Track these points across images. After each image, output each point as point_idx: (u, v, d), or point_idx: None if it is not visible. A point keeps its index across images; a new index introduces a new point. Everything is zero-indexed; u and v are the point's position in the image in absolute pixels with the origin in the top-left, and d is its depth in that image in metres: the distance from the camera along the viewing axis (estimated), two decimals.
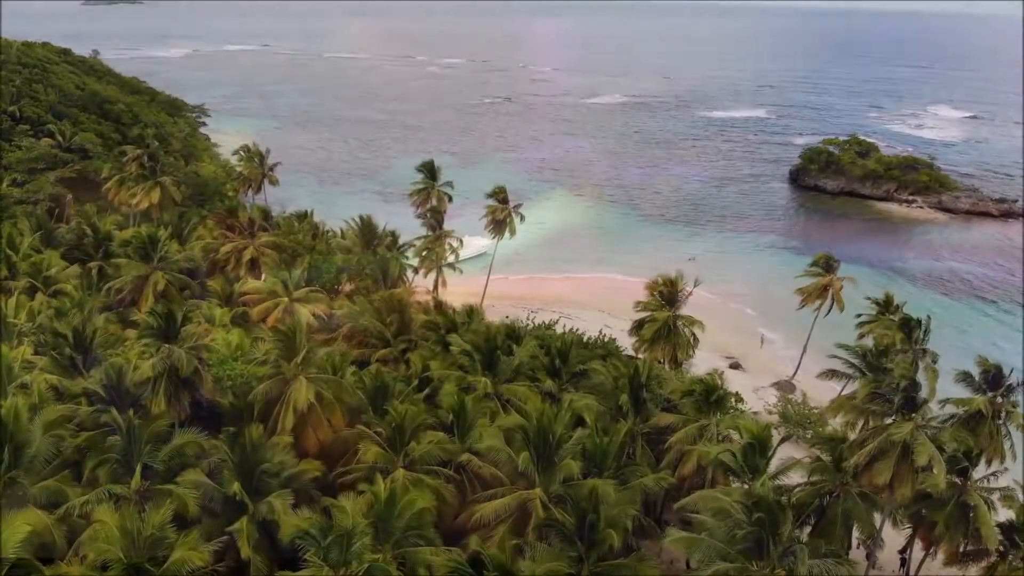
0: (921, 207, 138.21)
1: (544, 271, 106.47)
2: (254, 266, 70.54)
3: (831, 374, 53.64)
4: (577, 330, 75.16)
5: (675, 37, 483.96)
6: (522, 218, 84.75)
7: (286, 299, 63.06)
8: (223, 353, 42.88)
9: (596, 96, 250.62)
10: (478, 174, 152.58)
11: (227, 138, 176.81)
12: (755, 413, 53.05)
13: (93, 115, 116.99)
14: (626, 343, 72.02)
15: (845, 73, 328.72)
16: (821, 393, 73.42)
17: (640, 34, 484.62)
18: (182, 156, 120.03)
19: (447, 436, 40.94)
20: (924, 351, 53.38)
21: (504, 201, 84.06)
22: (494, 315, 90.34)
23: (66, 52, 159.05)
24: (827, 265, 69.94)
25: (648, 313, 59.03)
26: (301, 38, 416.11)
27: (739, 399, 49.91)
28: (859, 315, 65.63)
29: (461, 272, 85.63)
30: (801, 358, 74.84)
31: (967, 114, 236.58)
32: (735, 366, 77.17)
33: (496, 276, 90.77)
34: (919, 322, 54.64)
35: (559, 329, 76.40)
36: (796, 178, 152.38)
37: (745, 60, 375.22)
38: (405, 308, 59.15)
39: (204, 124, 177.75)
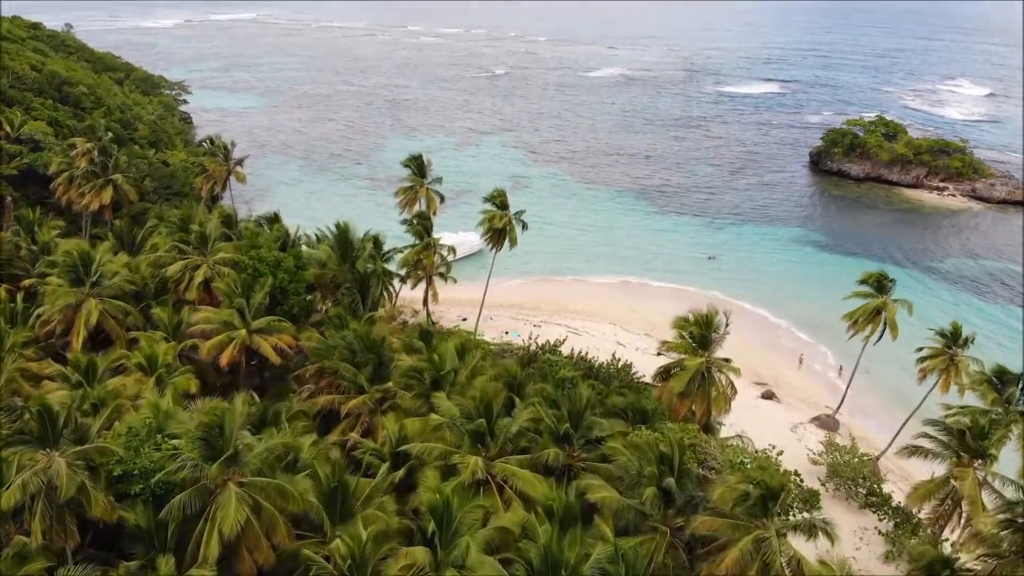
0: (953, 195, 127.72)
1: (548, 273, 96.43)
2: (209, 287, 60.40)
3: (915, 451, 43.39)
4: (586, 352, 65.68)
5: (673, 6, 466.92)
6: (524, 226, 73.72)
7: (243, 331, 53.27)
8: (130, 448, 32.76)
9: (595, 69, 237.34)
10: (474, 159, 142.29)
11: (208, 117, 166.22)
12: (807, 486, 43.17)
13: (49, 99, 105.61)
14: (640, 362, 63.11)
15: (853, 44, 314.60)
16: (867, 431, 64.25)
17: (636, 3, 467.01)
18: (150, 143, 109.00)
19: (426, 551, 31.48)
20: (1021, 414, 43.39)
21: (504, 206, 72.85)
22: (493, 329, 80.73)
23: (36, 27, 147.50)
24: (879, 285, 59.62)
25: (676, 356, 48.85)
26: (294, 5, 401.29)
27: (800, 484, 40.28)
28: (920, 348, 55.73)
29: (455, 282, 75.75)
30: (846, 391, 65.01)
31: (986, 91, 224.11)
32: (768, 395, 67.30)
33: (495, 279, 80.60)
34: (1016, 379, 44.63)
35: (566, 349, 67.01)
36: (817, 161, 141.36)
37: (749, 30, 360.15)
38: (384, 347, 49.38)
39: (185, 102, 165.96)
